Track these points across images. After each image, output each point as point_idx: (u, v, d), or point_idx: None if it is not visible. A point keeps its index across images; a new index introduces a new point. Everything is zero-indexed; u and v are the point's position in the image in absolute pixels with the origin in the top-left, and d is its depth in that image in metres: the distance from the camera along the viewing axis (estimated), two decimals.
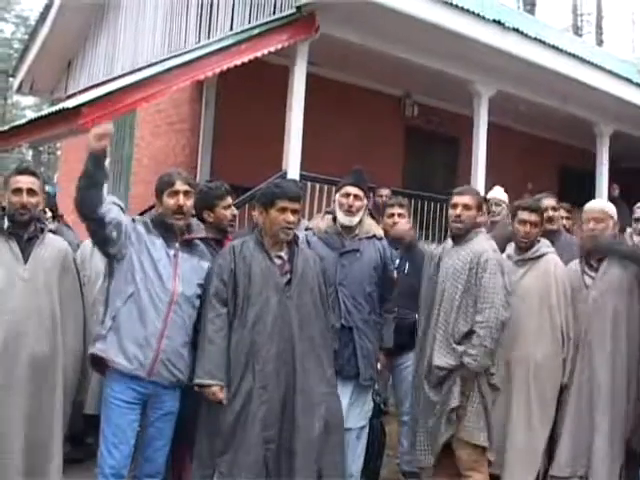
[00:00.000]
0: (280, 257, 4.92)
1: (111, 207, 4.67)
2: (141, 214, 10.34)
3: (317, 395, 4.79)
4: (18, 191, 4.76)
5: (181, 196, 4.78)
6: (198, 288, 4.82)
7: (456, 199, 5.48)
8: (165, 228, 4.81)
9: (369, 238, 5.75)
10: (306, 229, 5.96)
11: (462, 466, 5.19)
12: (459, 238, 5.43)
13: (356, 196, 5.69)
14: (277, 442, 4.66)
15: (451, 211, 5.49)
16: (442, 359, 5.17)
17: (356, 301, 5.54)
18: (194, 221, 5.11)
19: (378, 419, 6.05)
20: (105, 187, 4.68)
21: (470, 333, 5.13)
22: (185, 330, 4.75)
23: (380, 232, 5.90)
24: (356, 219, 5.69)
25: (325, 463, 4.75)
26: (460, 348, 5.13)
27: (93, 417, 5.31)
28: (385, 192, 8.61)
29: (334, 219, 5.78)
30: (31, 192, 4.79)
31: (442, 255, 5.50)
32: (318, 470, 4.70)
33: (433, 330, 5.30)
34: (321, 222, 5.90)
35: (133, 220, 4.88)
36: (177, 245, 4.81)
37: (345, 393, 5.42)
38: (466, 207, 5.41)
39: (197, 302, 4.81)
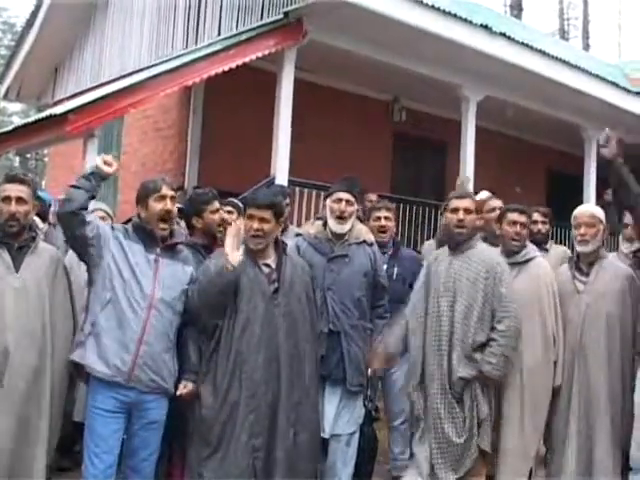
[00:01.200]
0: (268, 265, 4.92)
1: (90, 212, 4.77)
2: (129, 220, 10.36)
3: (300, 402, 4.84)
4: (7, 200, 4.69)
5: (168, 201, 4.79)
6: (181, 294, 4.80)
7: (457, 203, 5.41)
8: (146, 233, 4.80)
9: (359, 244, 5.75)
10: (296, 235, 5.96)
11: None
12: (459, 245, 5.37)
13: (348, 201, 5.70)
14: (265, 450, 4.66)
15: (451, 216, 5.39)
16: (464, 370, 5.12)
17: (345, 306, 5.54)
18: (176, 227, 5.11)
19: (370, 425, 6.02)
20: None
21: (486, 342, 5.14)
22: (167, 336, 4.73)
23: (371, 237, 5.91)
24: (347, 226, 5.70)
25: (306, 474, 4.82)
26: (480, 357, 5.12)
27: (81, 425, 5.27)
28: (373, 197, 8.60)
29: (324, 225, 5.78)
30: (20, 201, 4.72)
31: (436, 263, 5.46)
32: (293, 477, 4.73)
33: (445, 341, 5.20)
34: (311, 228, 5.91)
35: (112, 228, 4.88)
36: (158, 250, 4.80)
37: (333, 399, 5.43)
38: (467, 211, 5.36)
39: (180, 307, 4.80)
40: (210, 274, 4.71)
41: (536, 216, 6.85)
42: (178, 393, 4.75)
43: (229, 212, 6.03)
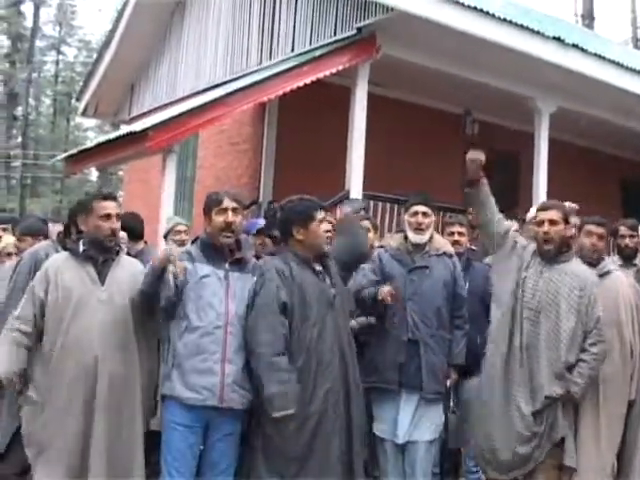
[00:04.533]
0: (320, 272, 4.95)
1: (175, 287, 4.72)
2: (196, 239, 10.51)
3: (358, 404, 4.90)
4: (107, 217, 4.81)
5: (230, 213, 4.83)
6: None
7: (541, 215, 5.31)
8: (214, 249, 4.85)
9: (439, 255, 5.86)
10: (378, 247, 6.08)
11: None
12: (551, 258, 5.24)
13: (424, 214, 5.84)
14: (347, 453, 4.74)
15: (537, 229, 5.30)
16: (551, 389, 5.06)
17: (424, 316, 5.65)
18: (243, 237, 5.18)
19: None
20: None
21: (575, 362, 5.09)
22: (243, 351, 4.73)
23: (450, 249, 5.99)
24: (426, 236, 5.83)
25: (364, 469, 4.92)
26: (570, 377, 5.06)
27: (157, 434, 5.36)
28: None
29: (405, 237, 5.90)
30: (118, 217, 4.88)
31: (525, 272, 5.29)
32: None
33: (532, 356, 5.12)
34: (392, 240, 6.01)
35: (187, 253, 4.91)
36: (226, 265, 4.83)
37: (409, 406, 5.52)
38: (553, 222, 5.23)
39: None
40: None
41: (623, 230, 6.37)
42: None
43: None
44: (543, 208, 5.41)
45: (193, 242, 5.10)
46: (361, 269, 5.78)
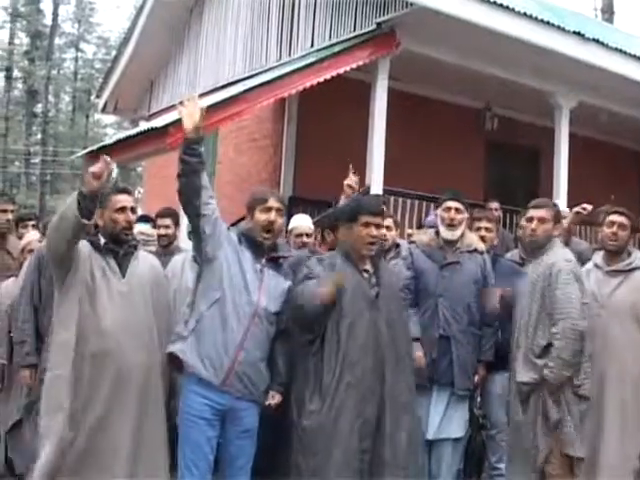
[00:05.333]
0: (366, 271, 4.95)
1: (211, 204, 4.72)
2: (234, 223, 10.53)
3: (403, 405, 4.82)
4: (122, 210, 4.83)
5: (273, 213, 4.84)
6: (281, 306, 4.84)
7: (532, 212, 5.45)
8: (254, 244, 4.86)
9: (470, 252, 5.89)
10: (409, 242, 6.10)
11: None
12: (534, 251, 5.44)
13: (457, 210, 5.89)
14: (371, 453, 4.68)
15: (526, 224, 5.47)
16: (526, 375, 5.15)
17: (455, 312, 5.69)
18: (281, 241, 5.19)
19: (478, 432, 6.07)
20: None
21: (549, 346, 5.10)
22: (264, 345, 4.77)
23: (482, 246, 6.00)
24: (458, 232, 5.87)
25: (411, 472, 4.78)
26: (540, 362, 5.10)
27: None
28: (494, 205, 8.63)
29: (437, 233, 5.93)
30: (133, 210, 4.91)
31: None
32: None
33: (515, 347, 5.31)
34: (424, 236, 6.03)
35: (228, 227, 4.96)
36: (263, 261, 4.85)
37: (440, 402, 5.53)
38: (541, 220, 5.38)
39: (276, 321, 4.84)
40: (307, 297, 4.71)
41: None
42: (267, 403, 4.79)
43: (387, 227, 6.14)
44: (535, 206, 5.51)
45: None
46: (394, 264, 5.80)
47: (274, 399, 4.82)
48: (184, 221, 5.78)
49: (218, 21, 13.81)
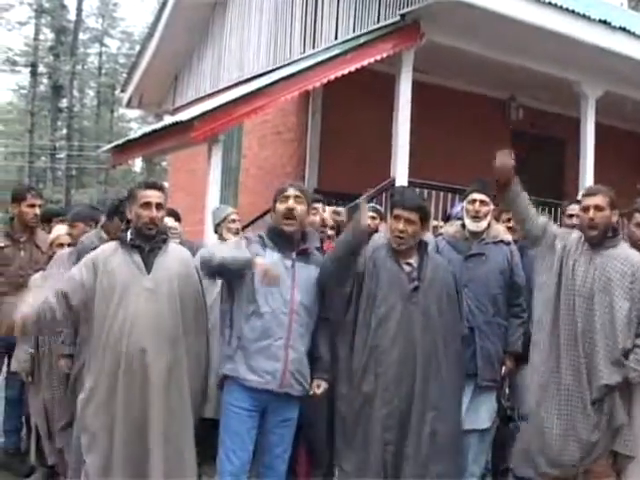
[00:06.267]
0: (409, 264, 4.97)
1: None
2: (250, 223, 10.60)
3: (431, 402, 4.81)
4: (147, 205, 4.83)
5: (291, 200, 4.86)
6: (316, 296, 4.88)
7: (586, 201, 5.15)
8: (282, 237, 4.87)
9: (496, 243, 5.87)
10: (436, 235, 6.10)
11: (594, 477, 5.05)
12: (598, 243, 5.09)
13: (482, 202, 5.86)
14: (395, 444, 4.72)
15: (583, 215, 5.15)
16: (610, 377, 4.92)
17: (480, 303, 5.67)
18: (310, 230, 5.20)
19: (506, 424, 6.04)
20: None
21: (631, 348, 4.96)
22: (306, 338, 4.83)
23: (508, 237, 5.98)
24: (483, 224, 5.85)
25: (431, 471, 4.77)
26: (630, 364, 4.91)
27: (212, 421, 5.40)
28: None
29: (463, 225, 5.93)
30: (159, 206, 4.88)
31: (570, 257, 5.17)
32: (424, 476, 4.74)
33: (586, 344, 4.99)
34: (450, 228, 6.03)
35: (247, 239, 4.98)
36: (293, 255, 4.87)
37: (465, 393, 5.48)
38: (598, 208, 5.07)
39: (315, 310, 4.88)
40: (341, 239, 4.90)
41: None
42: (312, 392, 4.84)
43: (372, 218, 6.10)
44: (589, 193, 5.25)
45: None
46: None
47: (319, 388, 4.88)
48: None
49: (242, 15, 13.83)
